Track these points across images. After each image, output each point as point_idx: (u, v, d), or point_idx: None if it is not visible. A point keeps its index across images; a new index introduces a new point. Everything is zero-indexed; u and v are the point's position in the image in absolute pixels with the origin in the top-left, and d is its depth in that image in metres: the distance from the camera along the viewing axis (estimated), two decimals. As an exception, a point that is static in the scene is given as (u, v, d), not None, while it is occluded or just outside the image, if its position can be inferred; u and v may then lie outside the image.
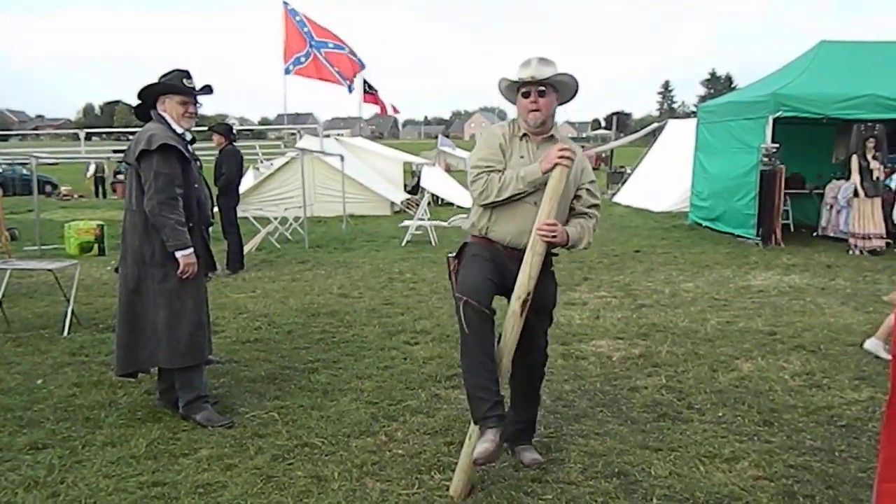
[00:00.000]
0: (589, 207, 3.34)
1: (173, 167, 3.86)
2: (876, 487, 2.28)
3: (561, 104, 3.33)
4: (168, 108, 3.99)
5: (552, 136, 3.32)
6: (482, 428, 3.01)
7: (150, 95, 4.03)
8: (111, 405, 4.18)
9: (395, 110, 19.71)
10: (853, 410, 4.08)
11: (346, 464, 3.43)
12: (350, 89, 17.20)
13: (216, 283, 8.08)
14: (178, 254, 3.83)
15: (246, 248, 9.63)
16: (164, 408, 4.10)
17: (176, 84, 3.98)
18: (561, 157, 3.07)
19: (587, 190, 3.34)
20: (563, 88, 3.27)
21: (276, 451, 3.57)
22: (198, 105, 4.10)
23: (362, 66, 17.20)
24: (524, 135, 3.29)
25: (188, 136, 4.08)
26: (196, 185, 4.04)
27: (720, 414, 4.03)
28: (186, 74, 4.02)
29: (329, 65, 15.97)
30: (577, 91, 3.30)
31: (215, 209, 9.04)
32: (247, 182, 14.97)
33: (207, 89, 4.15)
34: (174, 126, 3.97)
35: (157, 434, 3.78)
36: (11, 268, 6.43)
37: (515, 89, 3.25)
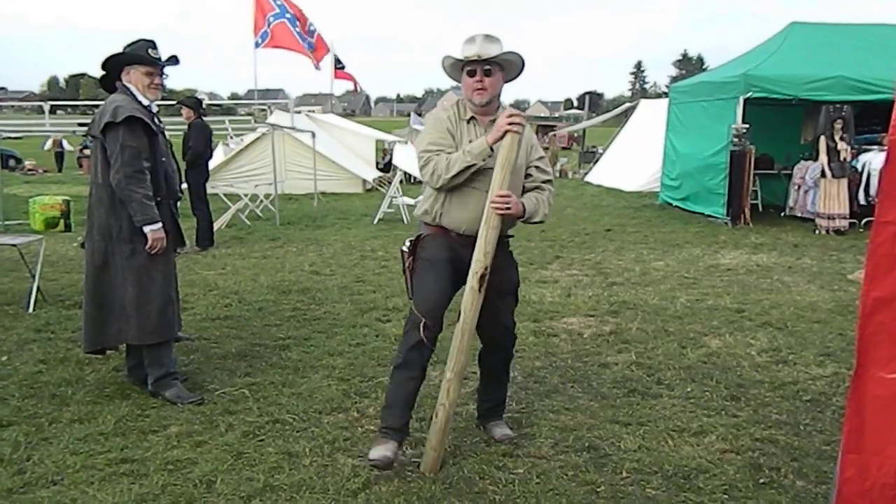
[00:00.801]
0: (542, 182, 3.27)
1: (140, 140, 3.76)
2: (840, 458, 2.33)
3: (506, 82, 3.23)
4: (133, 79, 3.87)
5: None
6: (381, 434, 3.20)
7: (114, 66, 3.90)
8: (78, 382, 4.11)
9: (357, 87, 19.56)
10: (818, 385, 4.17)
11: (318, 440, 3.41)
12: (317, 67, 16.93)
13: (185, 260, 7.96)
14: (147, 229, 3.74)
15: (216, 225, 9.49)
16: (133, 384, 4.04)
17: (141, 54, 3.86)
18: (510, 123, 2.96)
19: (536, 167, 3.27)
20: (508, 67, 3.18)
21: (246, 427, 3.55)
22: (164, 76, 3.98)
23: (328, 50, 16.98)
24: (471, 118, 3.19)
25: (154, 108, 3.96)
26: (164, 159, 3.94)
27: (688, 389, 4.09)
28: (152, 44, 3.90)
29: (302, 39, 15.67)
30: (522, 69, 3.22)
31: (184, 185, 8.91)
32: (217, 158, 14.73)
33: (173, 60, 4.04)
34: (140, 98, 3.86)
35: (126, 411, 3.73)
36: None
37: (460, 68, 3.15)
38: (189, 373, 4.32)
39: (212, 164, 12.10)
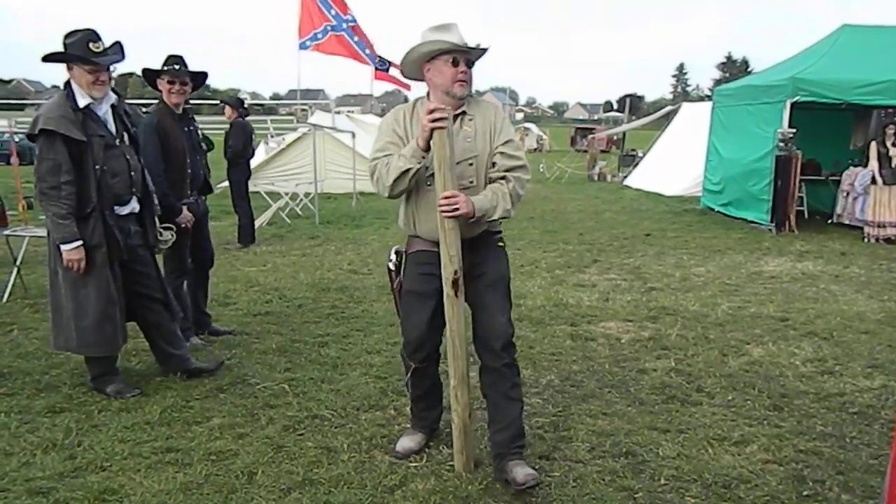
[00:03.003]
0: (507, 171, 2.96)
1: (57, 153, 3.58)
2: (889, 473, 2.27)
3: None
4: (76, 75, 3.68)
5: (464, 111, 3.01)
6: (413, 426, 3.37)
7: (58, 62, 3.71)
8: (126, 372, 4.22)
9: (404, 85, 19.49)
10: (865, 398, 4.07)
11: (356, 436, 3.46)
12: (377, 66, 16.91)
13: (227, 257, 8.13)
14: (62, 247, 3.65)
15: (257, 223, 9.66)
16: (172, 376, 4.14)
17: (78, 54, 3.64)
18: (431, 120, 2.73)
19: (501, 153, 2.98)
20: (477, 55, 3.02)
21: (286, 421, 3.61)
22: (111, 70, 3.79)
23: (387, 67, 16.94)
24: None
25: (102, 107, 3.78)
26: (99, 167, 3.70)
27: (730, 398, 4.03)
28: (92, 36, 3.68)
29: (361, 48, 15.70)
30: (477, 59, 3.02)
31: (224, 182, 9.08)
32: (258, 156, 14.96)
33: (116, 48, 3.82)
34: (78, 97, 3.66)
35: (171, 401, 3.83)
36: (29, 235, 6.48)
37: (431, 57, 2.94)
38: (231, 366, 4.41)
39: (253, 162, 12.33)
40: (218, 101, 13.73)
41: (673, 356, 4.75)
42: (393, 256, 3.23)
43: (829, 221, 10.98)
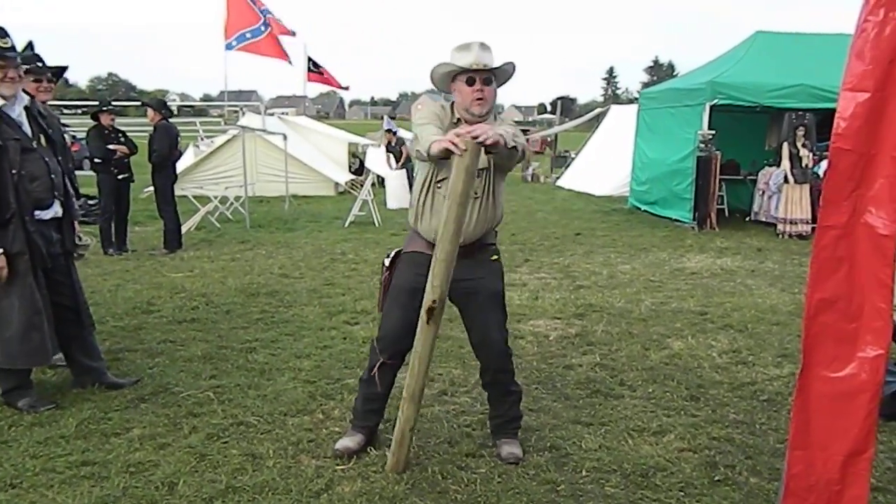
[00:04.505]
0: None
1: None
2: (787, 455, 2.41)
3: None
4: None
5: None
6: (354, 427, 3.37)
7: None
8: (40, 385, 4.06)
9: (339, 85, 19.34)
10: (775, 385, 4.28)
11: (282, 441, 3.42)
12: (310, 68, 16.72)
13: (153, 262, 7.90)
14: None
15: (185, 227, 9.42)
16: (90, 388, 4.00)
17: None
18: (452, 143, 2.67)
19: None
20: (501, 76, 3.14)
21: (210, 429, 3.54)
22: (21, 67, 3.66)
23: (292, 34, 16.61)
24: (458, 120, 3.11)
25: (16, 109, 3.64)
26: (16, 171, 3.57)
27: (650, 390, 4.18)
28: (0, 32, 3.56)
29: (278, 41, 15.48)
30: (511, 77, 3.16)
31: (150, 188, 8.81)
32: (186, 159, 14.58)
33: (28, 49, 3.72)
34: None
35: (88, 414, 3.70)
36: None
37: (453, 77, 3.07)
38: (154, 375, 4.29)
39: (181, 165, 12.03)
40: (140, 103, 13.33)
41: (598, 352, 4.88)
42: (392, 254, 3.30)
43: (747, 219, 11.48)
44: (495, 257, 3.27)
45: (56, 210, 3.85)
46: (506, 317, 3.28)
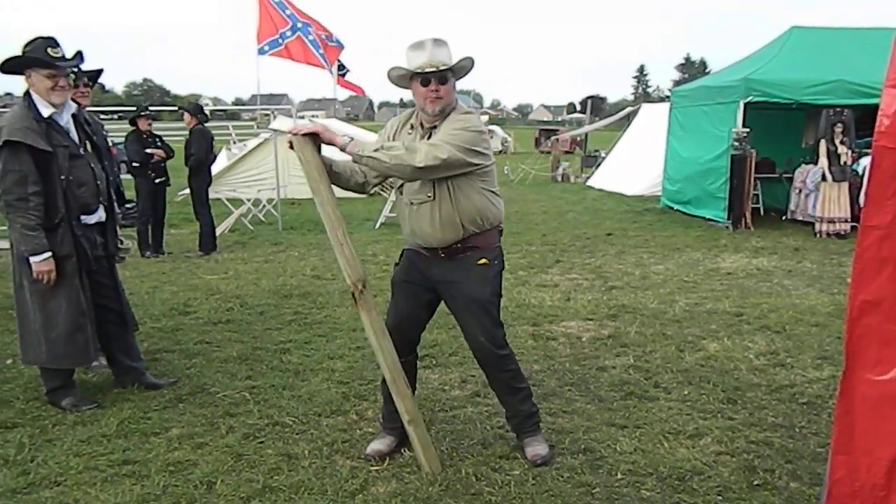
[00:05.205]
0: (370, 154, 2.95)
1: (23, 163, 3.56)
2: (830, 459, 2.36)
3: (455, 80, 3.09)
4: (35, 82, 3.66)
5: (435, 125, 3.07)
6: (384, 429, 3.40)
7: (13, 71, 3.68)
8: (81, 385, 4.15)
9: (362, 91, 19.48)
10: (814, 388, 4.20)
11: (317, 442, 3.46)
12: (333, 72, 16.85)
13: (188, 265, 8.03)
14: (31, 259, 3.61)
15: (219, 230, 9.57)
16: (130, 388, 4.09)
17: (36, 56, 3.61)
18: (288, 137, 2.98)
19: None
20: (459, 70, 3.06)
21: (246, 429, 3.59)
22: (70, 76, 3.79)
23: (342, 48, 16.81)
24: (422, 124, 3.10)
25: (64, 117, 3.76)
26: (65, 177, 3.68)
27: (685, 392, 4.12)
28: (51, 42, 3.67)
29: (315, 48, 15.60)
30: (471, 69, 3.06)
31: (185, 190, 8.96)
32: (219, 163, 14.80)
33: (79, 57, 3.83)
34: (40, 107, 3.65)
35: (128, 413, 3.78)
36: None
37: (409, 77, 3.01)
38: (191, 375, 4.37)
39: (215, 168, 12.19)
40: (177, 108, 13.57)
41: (632, 353, 4.84)
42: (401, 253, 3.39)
43: (784, 218, 11.26)
44: (483, 260, 3.13)
45: (100, 215, 3.98)
46: (493, 319, 3.18)
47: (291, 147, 2.96)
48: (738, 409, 3.88)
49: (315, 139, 2.96)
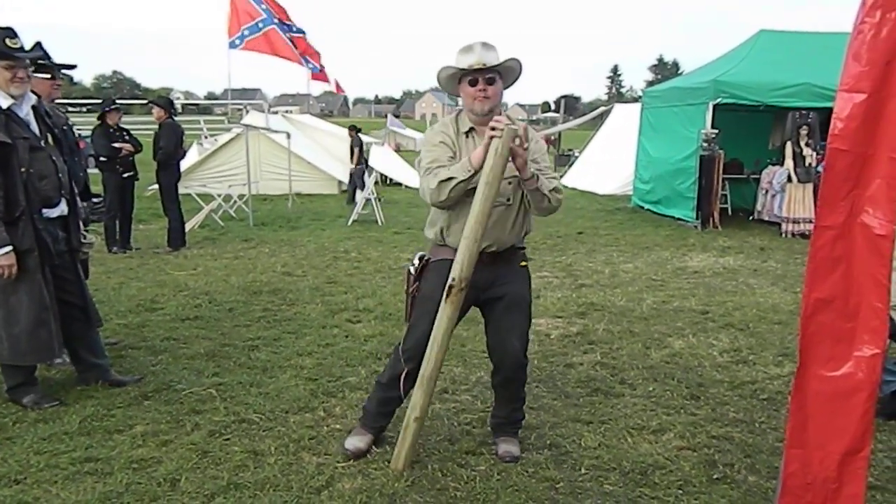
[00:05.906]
0: (550, 191, 3.09)
1: None
2: (784, 454, 2.43)
3: (504, 88, 3.17)
4: None
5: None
6: (364, 426, 3.36)
7: None
8: (44, 382, 4.09)
9: (339, 89, 19.35)
10: (775, 384, 4.29)
11: (284, 439, 3.45)
12: (313, 69, 16.70)
13: (156, 261, 7.94)
14: None
15: (188, 226, 9.46)
16: (94, 385, 4.03)
17: None
18: (491, 127, 2.85)
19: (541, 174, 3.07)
20: (507, 74, 3.12)
21: (212, 426, 3.57)
22: (29, 67, 3.70)
23: (303, 35, 16.67)
24: (470, 129, 3.13)
25: (24, 108, 3.68)
26: (25, 169, 3.61)
27: (650, 388, 4.19)
28: (9, 33, 3.59)
29: (293, 45, 15.46)
30: (520, 74, 3.15)
31: (154, 185, 8.84)
32: (190, 158, 14.62)
33: (37, 48, 3.77)
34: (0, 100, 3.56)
35: (91, 410, 3.73)
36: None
37: (458, 78, 3.08)
38: (157, 372, 4.32)
39: (185, 164, 12.06)
40: (146, 101, 13.39)
41: (599, 350, 4.90)
42: (416, 261, 3.27)
43: (751, 218, 11.47)
44: (524, 263, 3.28)
45: (62, 208, 3.89)
46: (529, 325, 3.26)
47: (493, 132, 2.84)
48: (701, 405, 3.95)
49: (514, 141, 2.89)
